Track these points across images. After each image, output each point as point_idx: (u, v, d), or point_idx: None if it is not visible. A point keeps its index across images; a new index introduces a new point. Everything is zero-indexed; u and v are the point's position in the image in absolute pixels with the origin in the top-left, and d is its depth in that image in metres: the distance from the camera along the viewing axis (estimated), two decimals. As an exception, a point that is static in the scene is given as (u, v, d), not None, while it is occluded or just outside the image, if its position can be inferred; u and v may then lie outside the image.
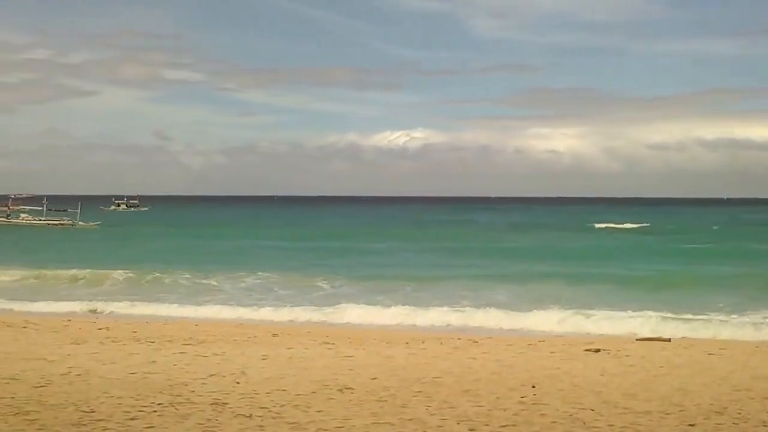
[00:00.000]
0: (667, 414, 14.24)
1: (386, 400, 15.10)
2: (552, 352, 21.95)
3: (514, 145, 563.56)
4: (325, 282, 44.39)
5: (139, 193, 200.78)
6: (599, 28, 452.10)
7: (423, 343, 24.05)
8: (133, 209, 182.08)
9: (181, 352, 20.85)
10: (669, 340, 25.83)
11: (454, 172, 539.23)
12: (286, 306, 35.51)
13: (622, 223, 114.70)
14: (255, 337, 24.78)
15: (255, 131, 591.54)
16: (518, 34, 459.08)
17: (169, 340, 23.29)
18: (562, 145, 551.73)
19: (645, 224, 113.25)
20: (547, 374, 18.05)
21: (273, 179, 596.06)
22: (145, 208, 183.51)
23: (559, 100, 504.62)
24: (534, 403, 14.90)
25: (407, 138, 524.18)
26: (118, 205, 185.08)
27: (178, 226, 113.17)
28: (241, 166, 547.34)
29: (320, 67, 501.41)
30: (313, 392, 15.73)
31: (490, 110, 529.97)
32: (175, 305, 35.85)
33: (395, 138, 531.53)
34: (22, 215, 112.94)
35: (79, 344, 22.41)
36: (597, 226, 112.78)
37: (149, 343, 22.60)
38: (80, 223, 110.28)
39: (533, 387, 16.47)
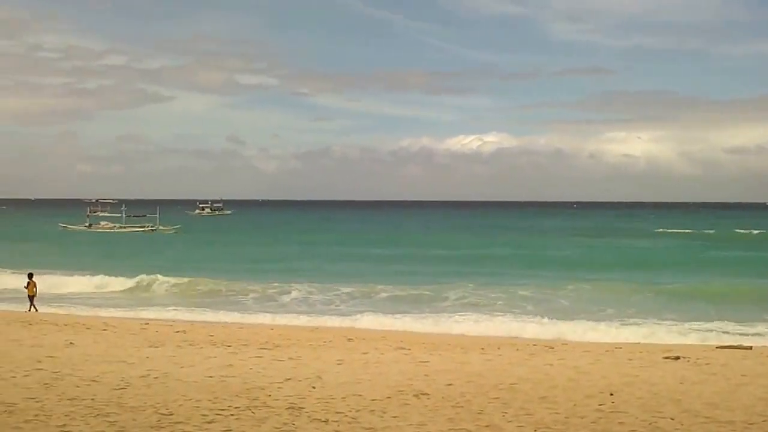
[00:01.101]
0: (751, 424, 13.88)
1: (462, 406, 14.98)
2: (630, 359, 21.62)
3: (588, 150, 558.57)
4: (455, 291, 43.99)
5: (214, 198, 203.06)
6: (677, 30, 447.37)
7: (498, 349, 23.87)
8: (217, 213, 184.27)
9: (257, 356, 20.96)
10: (750, 348, 25.25)
11: (528, 176, 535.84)
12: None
13: (691, 229, 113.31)
14: (330, 341, 24.81)
15: (329, 136, 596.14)
16: (594, 36, 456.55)
17: (245, 344, 23.43)
18: (637, 149, 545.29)
19: (710, 231, 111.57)
20: (625, 381, 17.76)
21: (346, 184, 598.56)
22: (229, 212, 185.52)
23: (635, 103, 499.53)
24: (612, 411, 14.65)
25: (480, 142, 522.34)
26: (203, 209, 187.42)
27: (265, 231, 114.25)
28: (315, 171, 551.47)
29: (395, 71, 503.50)
30: (389, 397, 15.68)
31: (564, 114, 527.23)
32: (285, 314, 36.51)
33: (468, 142, 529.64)
34: (102, 222, 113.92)
35: (156, 347, 22.66)
36: (667, 231, 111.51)
37: (226, 347, 22.76)
38: (161, 227, 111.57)
39: (611, 394, 16.22)
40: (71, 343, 22.88)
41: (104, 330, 26.58)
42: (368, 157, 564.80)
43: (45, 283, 42.37)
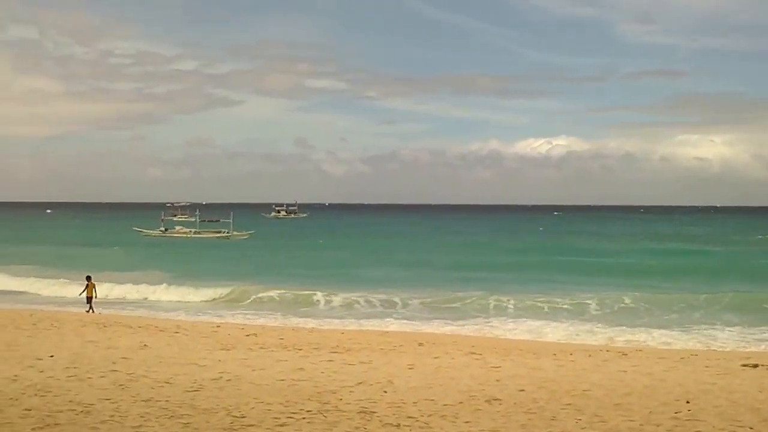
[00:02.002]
0: (833, 434, 13.55)
1: (535, 413, 14.83)
2: (706, 367, 21.22)
3: (660, 153, 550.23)
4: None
5: (288, 201, 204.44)
6: (749, 31, 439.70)
7: (571, 354, 23.62)
8: (293, 216, 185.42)
9: (328, 360, 20.99)
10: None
11: (597, 180, 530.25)
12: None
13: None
14: (401, 346, 24.76)
15: (396, 139, 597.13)
16: (666, 38, 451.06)
17: (315, 348, 23.48)
18: (710, 153, 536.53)
19: None
20: (702, 389, 17.43)
21: (413, 188, 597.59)
22: (304, 215, 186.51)
23: (708, 105, 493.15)
24: (689, 419, 14.37)
25: (550, 146, 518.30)
26: (279, 212, 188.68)
27: (337, 236, 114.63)
28: (382, 175, 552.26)
29: (463, 74, 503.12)
30: (461, 403, 15.58)
31: (635, 117, 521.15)
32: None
33: (538, 146, 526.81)
34: (177, 227, 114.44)
35: (228, 350, 22.83)
36: (747, 239, 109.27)
37: (296, 351, 22.84)
38: (234, 232, 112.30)
39: (687, 402, 15.92)
40: (145, 345, 23.16)
41: (176, 332, 26.86)
42: (436, 160, 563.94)
43: (124, 289, 42.96)
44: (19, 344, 22.52)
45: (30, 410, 14.14)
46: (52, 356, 20.26)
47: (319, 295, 45.12)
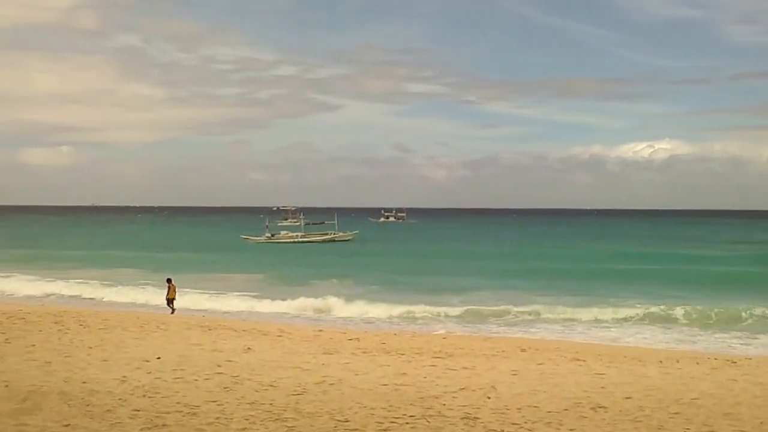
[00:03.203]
0: None
1: (641, 421, 14.55)
2: (821, 376, 20.53)
3: (767, 156, 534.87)
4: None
5: (381, 206, 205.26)
6: None
7: (678, 362, 23.11)
8: (401, 221, 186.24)
9: (431, 365, 20.92)
10: None
11: (702, 184, 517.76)
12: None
13: None
14: (503, 351, 24.56)
15: (497, 143, 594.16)
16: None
17: (418, 353, 23.44)
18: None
19: None
20: (817, 400, 16.88)
21: (513, 192, 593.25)
22: (414, 221, 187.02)
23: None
24: (804, 431, 13.94)
25: (652, 149, 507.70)
26: (387, 217, 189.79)
27: (441, 240, 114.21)
28: (482, 179, 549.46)
29: (565, 77, 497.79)
30: (566, 410, 15.37)
31: (741, 119, 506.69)
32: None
33: (640, 149, 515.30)
34: (282, 232, 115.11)
35: (331, 354, 22.93)
36: None
37: (399, 355, 22.83)
38: (339, 233, 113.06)
39: (802, 413, 15.44)
40: (249, 348, 23.41)
41: (280, 336, 27.10)
42: (537, 164, 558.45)
43: (247, 304, 43.25)
44: (128, 346, 23.00)
45: (139, 411, 14.42)
46: (159, 358, 20.64)
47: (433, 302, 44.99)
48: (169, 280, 37.68)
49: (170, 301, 36.62)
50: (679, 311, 39.49)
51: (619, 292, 49.25)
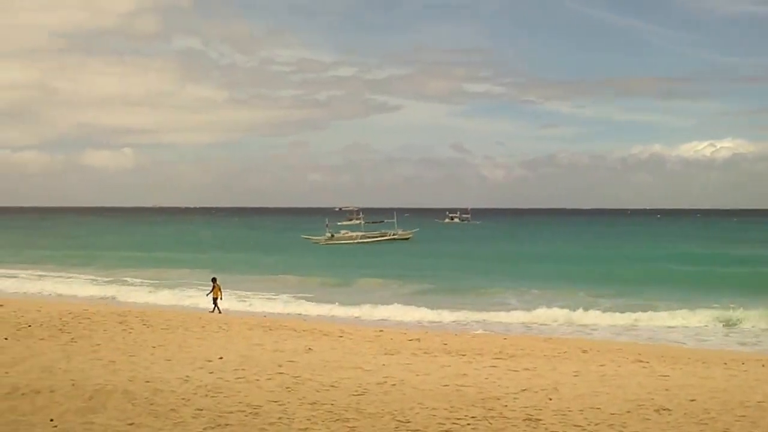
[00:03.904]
0: None
1: (706, 423, 14.37)
2: None
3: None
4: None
5: (441, 207, 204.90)
6: None
7: (743, 364, 22.76)
8: (466, 222, 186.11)
9: (492, 366, 20.83)
10: None
11: (767, 183, 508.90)
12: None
13: None
14: (565, 352, 24.38)
15: (556, 143, 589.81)
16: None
17: (479, 353, 23.36)
18: None
19: None
20: None
21: (573, 192, 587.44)
22: (478, 222, 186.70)
23: None
24: None
25: (714, 148, 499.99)
26: (452, 218, 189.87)
27: (506, 241, 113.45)
28: (541, 179, 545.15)
29: (624, 76, 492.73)
30: (628, 412, 15.22)
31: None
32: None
33: (702, 148, 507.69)
34: (342, 231, 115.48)
35: (392, 354, 22.95)
36: None
37: (460, 356, 22.77)
38: (399, 231, 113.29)
39: None
40: (310, 348, 23.51)
41: (340, 336, 27.16)
42: (597, 164, 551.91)
43: (303, 306, 43.21)
44: (190, 346, 23.22)
45: (202, 410, 14.55)
46: (221, 358, 20.80)
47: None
48: (213, 280, 38.14)
49: (215, 300, 36.95)
50: (743, 313, 38.76)
51: (681, 294, 48.48)
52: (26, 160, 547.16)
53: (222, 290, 37.70)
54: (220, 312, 36.03)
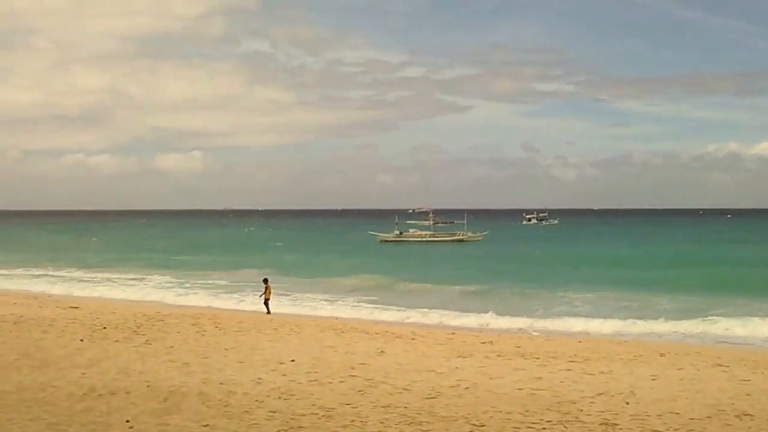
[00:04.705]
0: None
1: (791, 430, 13.96)
2: None
3: None
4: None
5: (510, 207, 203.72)
6: None
7: (827, 368, 22.11)
8: (544, 223, 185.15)
9: (566, 369, 20.54)
10: None
11: None
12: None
13: None
14: (641, 355, 23.94)
15: (628, 142, 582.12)
16: None
17: (553, 357, 23.05)
18: None
19: None
20: None
21: (646, 191, 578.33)
22: (555, 222, 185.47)
23: None
24: None
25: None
26: (530, 220, 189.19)
27: (583, 242, 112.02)
28: (613, 178, 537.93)
29: (699, 72, 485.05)
30: (709, 417, 14.86)
31: None
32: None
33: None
34: (411, 230, 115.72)
35: (464, 357, 22.76)
36: None
37: (534, 359, 22.48)
38: (469, 233, 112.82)
39: None
40: (382, 351, 23.43)
41: (413, 339, 27.04)
42: (670, 163, 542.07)
43: (369, 309, 43.05)
44: (263, 348, 23.31)
45: (275, 412, 14.55)
46: (293, 360, 20.82)
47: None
48: (265, 281, 38.14)
49: (266, 301, 37.00)
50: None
51: (760, 297, 47.47)
52: (99, 163, 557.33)
53: (271, 291, 37.64)
54: (269, 312, 36.08)
